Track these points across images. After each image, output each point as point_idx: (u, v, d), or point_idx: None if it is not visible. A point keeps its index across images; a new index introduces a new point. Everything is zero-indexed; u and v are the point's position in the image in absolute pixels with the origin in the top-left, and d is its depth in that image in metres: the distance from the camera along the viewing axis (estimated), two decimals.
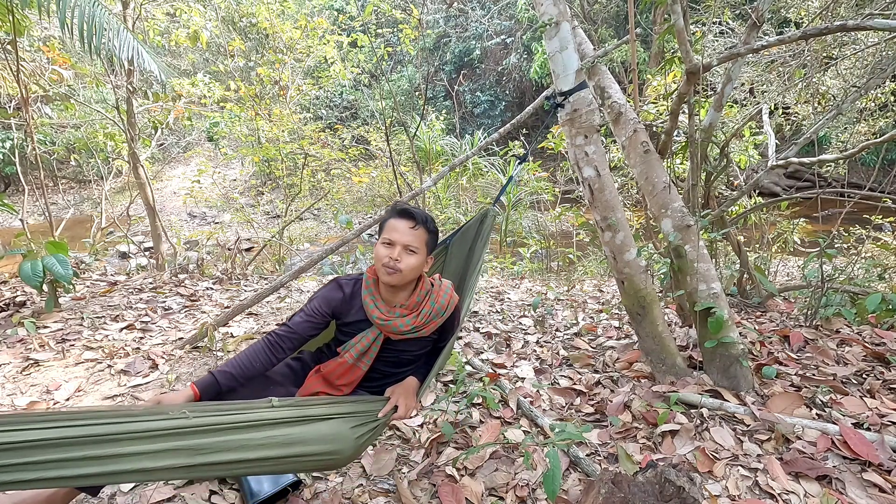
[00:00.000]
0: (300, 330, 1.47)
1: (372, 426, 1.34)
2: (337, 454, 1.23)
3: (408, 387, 1.50)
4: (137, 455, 0.99)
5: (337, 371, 1.53)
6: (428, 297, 1.52)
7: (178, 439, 1.04)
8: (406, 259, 1.42)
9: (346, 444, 1.25)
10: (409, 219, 1.44)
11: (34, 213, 10.90)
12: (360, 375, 1.54)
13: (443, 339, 1.63)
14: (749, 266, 3.23)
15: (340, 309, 1.52)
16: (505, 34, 13.94)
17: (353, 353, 1.50)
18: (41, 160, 4.81)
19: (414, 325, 1.49)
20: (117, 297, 3.70)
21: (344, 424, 1.27)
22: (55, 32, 6.95)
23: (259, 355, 1.41)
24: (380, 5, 6.60)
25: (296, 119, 7.81)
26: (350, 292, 1.53)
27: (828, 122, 3.35)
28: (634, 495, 1.21)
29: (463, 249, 2.03)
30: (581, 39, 2.36)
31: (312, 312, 1.48)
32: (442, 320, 1.55)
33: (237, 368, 1.37)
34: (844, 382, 2.16)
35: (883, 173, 9.32)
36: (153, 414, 1.06)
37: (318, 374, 1.57)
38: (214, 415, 1.11)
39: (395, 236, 1.42)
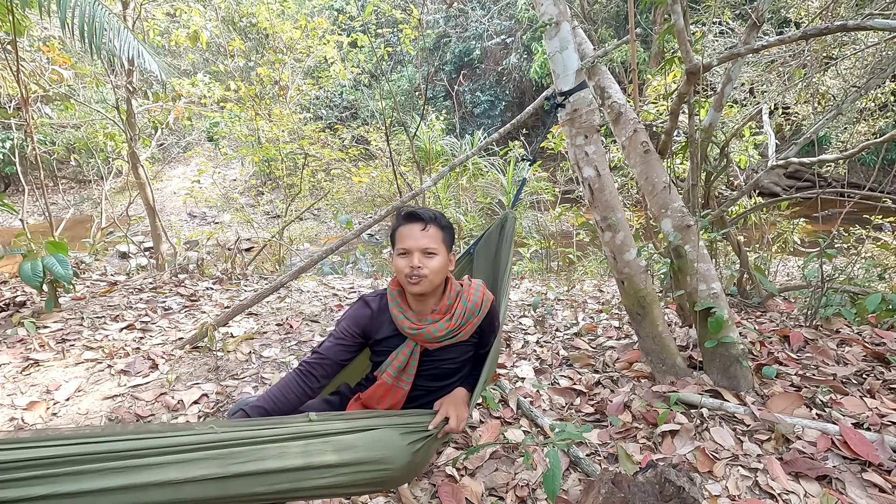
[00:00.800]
0: (331, 354, 1.37)
1: (424, 436, 1.24)
2: (390, 465, 1.12)
3: (457, 397, 1.41)
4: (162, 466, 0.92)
5: (377, 395, 1.42)
6: (459, 298, 1.43)
7: (207, 450, 0.96)
8: (428, 263, 1.33)
9: (400, 453, 1.15)
10: (418, 221, 1.36)
11: (34, 213, 10.90)
12: (403, 396, 1.43)
13: (484, 342, 1.53)
14: (749, 266, 3.23)
15: (370, 326, 1.43)
16: (505, 34, 13.94)
17: (391, 371, 1.40)
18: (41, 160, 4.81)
19: (449, 328, 1.38)
20: (117, 297, 3.70)
21: (393, 432, 1.17)
22: (55, 32, 6.95)
23: (291, 386, 1.31)
24: (380, 5, 6.60)
25: (296, 119, 7.81)
26: (377, 308, 1.44)
27: (828, 122, 3.35)
28: (634, 495, 1.21)
29: (488, 256, 1.98)
30: (581, 39, 2.36)
31: (342, 335, 1.40)
32: (478, 320, 1.45)
33: (270, 403, 1.27)
34: (844, 382, 2.16)
35: (883, 173, 9.32)
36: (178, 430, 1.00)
37: (358, 402, 1.47)
38: (244, 430, 1.03)
39: (410, 244, 1.34)
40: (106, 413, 2.21)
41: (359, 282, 4.81)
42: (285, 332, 3.18)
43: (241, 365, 2.70)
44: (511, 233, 1.91)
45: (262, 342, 3.00)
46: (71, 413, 2.22)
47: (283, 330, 3.21)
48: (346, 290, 4.30)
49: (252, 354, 2.83)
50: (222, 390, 2.41)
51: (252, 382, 2.52)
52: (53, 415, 2.22)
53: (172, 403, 2.29)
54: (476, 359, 1.56)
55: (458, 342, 1.44)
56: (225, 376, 2.57)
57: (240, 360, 2.76)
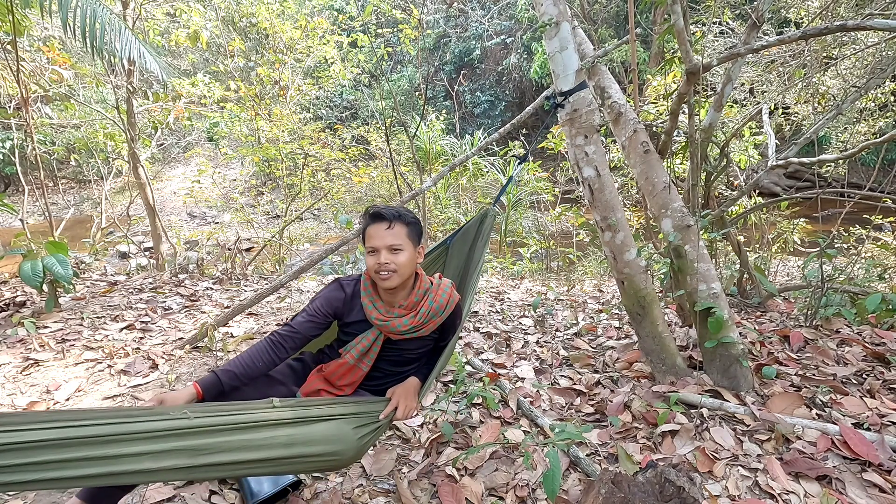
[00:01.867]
0: (302, 330, 1.47)
1: (374, 427, 1.35)
2: (339, 455, 1.24)
3: (408, 387, 1.51)
4: (139, 455, 0.99)
5: (338, 371, 1.54)
6: (426, 297, 1.53)
7: (180, 440, 1.05)
8: (395, 259, 1.42)
9: (349, 444, 1.26)
10: (382, 220, 1.45)
11: (34, 213, 10.90)
12: (362, 376, 1.55)
13: (444, 338, 1.64)
14: (749, 266, 3.23)
15: (342, 309, 1.53)
16: (505, 34, 13.94)
17: (354, 353, 1.51)
18: (41, 160, 4.81)
19: (412, 324, 1.49)
20: (117, 297, 3.70)
21: (346, 425, 1.28)
22: (55, 32, 6.95)
23: (262, 355, 1.41)
24: (380, 5, 6.60)
25: (296, 119, 7.80)
26: (351, 292, 1.54)
27: (828, 122, 3.35)
28: (634, 495, 1.21)
29: (463, 249, 2.03)
30: (581, 39, 2.36)
31: (314, 312, 1.49)
32: (441, 319, 1.55)
33: (240, 367, 1.37)
34: (844, 382, 2.16)
35: (883, 173, 9.32)
36: (154, 414, 1.06)
37: (320, 374, 1.58)
38: (215, 415, 1.12)
39: (376, 242, 1.44)
40: None
41: None
42: None
43: None
44: (489, 229, 1.98)
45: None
46: None
47: None
48: None
49: None
50: None
51: None
52: None
53: None
54: (434, 350, 1.66)
55: (420, 336, 1.55)
56: None
57: None
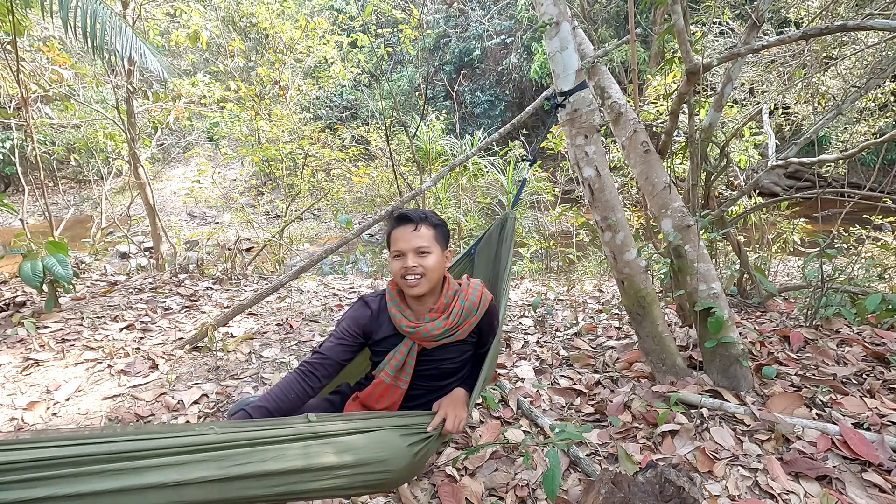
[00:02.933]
0: (332, 354, 1.38)
1: (423, 437, 1.24)
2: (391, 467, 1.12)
3: (456, 398, 1.41)
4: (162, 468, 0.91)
5: (375, 393, 1.43)
6: (457, 297, 1.43)
7: (207, 452, 0.97)
8: (422, 262, 1.35)
9: (400, 454, 1.15)
10: (408, 223, 1.38)
11: (34, 213, 10.90)
12: (401, 395, 1.44)
13: (483, 342, 1.54)
14: (749, 266, 3.23)
15: (370, 326, 1.44)
16: (505, 34, 13.94)
17: (389, 370, 1.41)
18: (41, 160, 4.81)
19: (446, 326, 1.39)
20: (117, 297, 3.70)
21: (393, 434, 1.17)
22: (55, 32, 6.95)
23: (293, 386, 1.32)
24: (380, 5, 6.60)
25: (296, 119, 7.80)
26: (377, 308, 1.45)
27: (828, 122, 3.35)
28: (634, 495, 1.21)
29: (489, 256, 1.99)
30: (581, 39, 2.36)
31: (342, 335, 1.41)
32: (476, 319, 1.45)
33: (272, 402, 1.27)
34: (844, 382, 2.16)
35: (883, 173, 9.32)
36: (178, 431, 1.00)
37: (357, 402, 1.48)
38: (244, 430, 1.03)
39: (402, 245, 1.37)
40: (106, 413, 2.21)
41: (359, 282, 4.81)
42: (285, 332, 3.18)
43: (241, 365, 2.70)
44: (511, 233, 1.92)
45: (262, 342, 3.00)
46: (71, 413, 2.22)
47: (283, 330, 3.21)
48: (346, 290, 4.30)
49: (252, 354, 2.83)
50: (222, 390, 2.41)
51: (252, 382, 2.52)
52: (53, 415, 2.22)
53: (172, 403, 2.29)
54: (475, 359, 1.56)
55: (456, 341, 1.44)
56: (225, 376, 2.57)
57: (240, 360, 2.76)
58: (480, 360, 1.53)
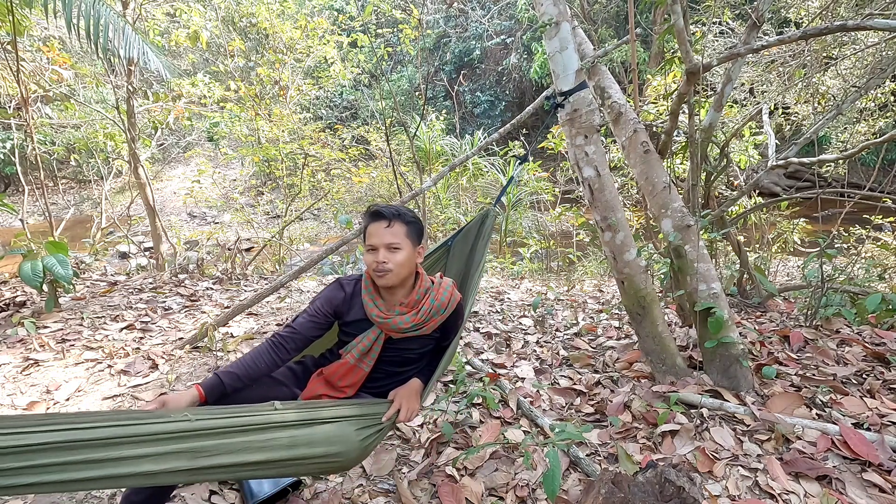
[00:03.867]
0: (303, 330, 1.47)
1: (377, 429, 1.35)
2: (342, 457, 1.24)
3: (411, 389, 1.50)
4: (139, 458, 0.99)
5: (339, 372, 1.52)
6: (427, 295, 1.52)
7: (180, 442, 1.04)
8: (392, 258, 1.42)
9: (352, 446, 1.26)
10: (381, 219, 1.45)
11: (34, 213, 10.90)
12: (363, 376, 1.53)
13: (445, 337, 1.62)
14: (749, 266, 3.23)
15: (342, 308, 1.52)
16: (505, 34, 13.94)
17: (355, 353, 1.50)
18: (41, 160, 4.81)
19: (414, 322, 1.48)
20: (117, 297, 3.70)
21: (349, 427, 1.28)
22: (55, 32, 6.95)
23: (263, 356, 1.41)
24: (380, 5, 6.60)
25: (296, 119, 7.80)
26: (351, 291, 1.53)
27: (828, 122, 3.35)
28: (634, 495, 1.21)
29: (464, 250, 2.02)
30: (581, 39, 2.36)
31: (315, 312, 1.49)
32: (443, 318, 1.54)
33: (242, 369, 1.37)
34: (844, 382, 2.16)
35: (883, 173, 9.32)
36: (155, 417, 1.06)
37: (321, 377, 1.56)
38: (216, 418, 1.12)
39: (374, 240, 1.44)
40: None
41: None
42: None
43: None
44: (489, 229, 1.97)
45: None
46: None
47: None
48: None
49: None
50: None
51: None
52: None
53: None
54: (436, 351, 1.65)
55: (421, 335, 1.53)
56: None
57: None
58: (440, 352, 1.63)
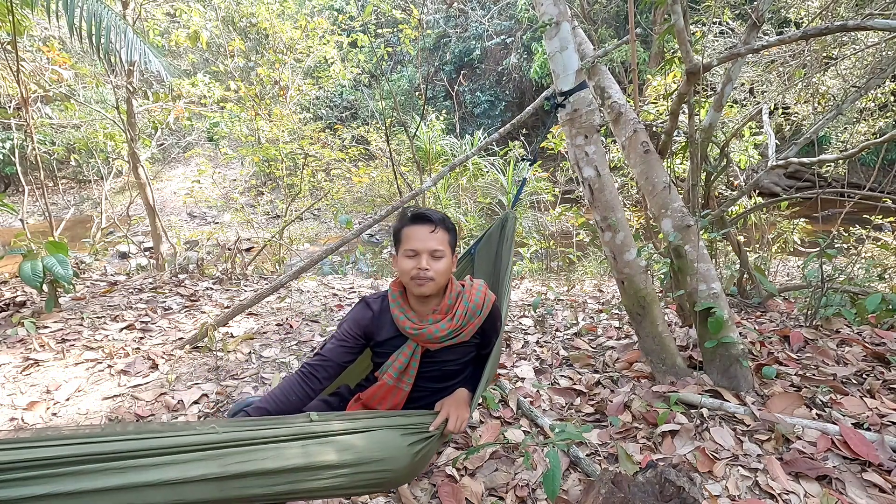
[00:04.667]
0: (333, 356, 1.37)
1: (425, 438, 1.23)
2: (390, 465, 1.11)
3: (458, 398, 1.40)
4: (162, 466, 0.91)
5: (378, 395, 1.41)
6: (460, 298, 1.42)
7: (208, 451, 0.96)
8: (434, 265, 1.34)
9: (400, 454, 1.14)
10: (427, 223, 1.36)
11: (34, 213, 10.90)
12: (404, 397, 1.42)
13: (485, 343, 1.53)
14: (749, 266, 3.23)
15: (371, 328, 1.43)
16: (505, 34, 13.94)
17: (392, 372, 1.39)
18: (41, 160, 4.81)
19: (450, 328, 1.38)
20: (117, 297, 3.70)
21: (394, 433, 1.17)
22: (55, 32, 6.95)
23: (294, 388, 1.31)
24: (380, 5, 6.60)
25: (296, 119, 7.80)
26: (379, 309, 1.44)
27: (828, 122, 3.35)
28: (634, 495, 1.21)
29: (489, 256, 1.98)
30: (581, 39, 2.36)
31: (343, 336, 1.40)
32: (480, 320, 1.44)
33: (272, 404, 1.27)
34: (844, 382, 2.16)
35: (883, 173, 9.32)
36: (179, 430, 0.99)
37: (359, 403, 1.46)
38: (245, 430, 1.03)
39: (417, 245, 1.34)
40: (106, 413, 2.21)
41: (359, 282, 4.81)
42: (285, 332, 3.18)
43: (241, 365, 2.70)
44: (511, 233, 1.92)
45: (262, 342, 3.00)
46: (71, 413, 2.22)
47: (283, 330, 3.21)
48: (346, 290, 4.30)
49: (252, 354, 2.83)
50: (222, 390, 2.41)
51: (252, 382, 2.52)
52: (53, 415, 2.22)
53: (172, 403, 2.29)
54: (478, 360, 1.56)
55: (459, 343, 1.43)
56: (225, 376, 2.57)
57: (240, 360, 2.76)
58: (482, 361, 1.52)
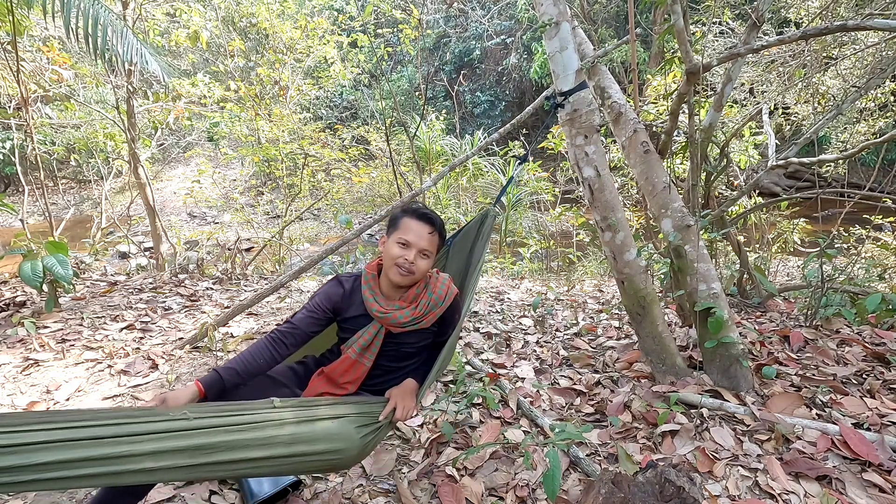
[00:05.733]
0: (302, 325, 1.48)
1: (375, 427, 1.35)
2: (341, 454, 1.24)
3: (406, 388, 1.51)
4: (139, 456, 0.99)
5: (340, 368, 1.53)
6: (426, 290, 1.54)
7: (180, 439, 1.05)
8: (420, 263, 1.45)
9: (352, 443, 1.25)
10: (429, 224, 1.47)
11: (34, 213, 10.90)
12: (364, 372, 1.54)
13: (443, 332, 1.64)
14: (749, 266, 3.23)
15: (341, 304, 1.54)
16: (505, 34, 13.94)
17: (356, 348, 1.51)
18: (41, 160, 4.81)
19: (413, 316, 1.50)
20: (117, 297, 3.70)
21: (349, 424, 1.28)
22: (55, 32, 6.95)
23: (262, 352, 1.42)
24: (380, 5, 6.60)
25: (296, 119, 7.80)
26: (350, 288, 1.55)
27: (828, 122, 3.35)
28: (634, 495, 1.21)
29: (464, 250, 2.03)
30: (581, 39, 2.36)
31: (314, 308, 1.51)
32: (441, 310, 1.56)
33: (241, 365, 1.37)
34: (844, 382, 2.16)
35: (883, 173, 9.32)
36: (154, 416, 1.06)
37: (322, 375, 1.57)
38: (215, 416, 1.13)
39: (412, 238, 1.45)
40: None
41: None
42: None
43: None
44: (489, 230, 1.98)
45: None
46: None
47: None
48: None
49: None
50: None
51: None
52: None
53: None
54: (433, 346, 1.66)
55: (419, 329, 1.55)
56: None
57: None
58: (438, 348, 1.64)
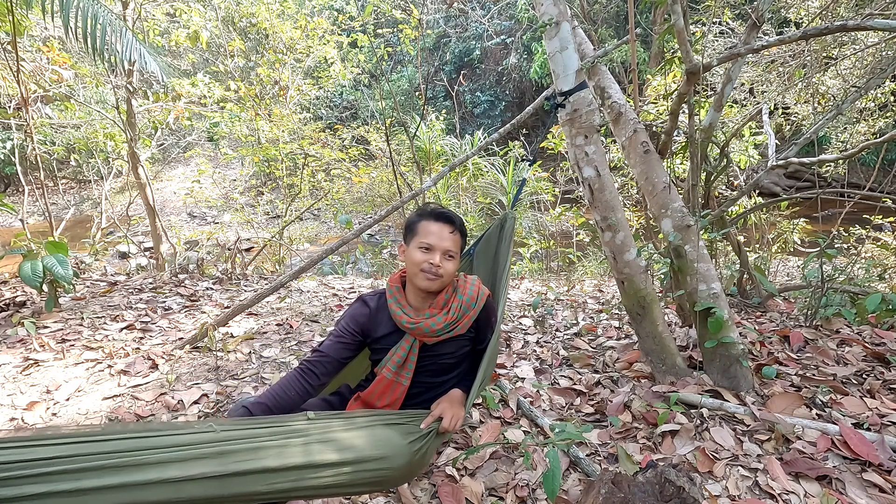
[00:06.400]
0: (331, 352, 1.40)
1: (424, 437, 1.24)
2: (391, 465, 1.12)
3: (453, 397, 1.43)
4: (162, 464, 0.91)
5: (377, 390, 1.43)
6: (455, 293, 1.47)
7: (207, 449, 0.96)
8: (446, 265, 1.38)
9: (400, 452, 1.15)
10: (449, 223, 1.41)
11: (34, 213, 10.91)
12: (403, 392, 1.45)
13: (481, 338, 1.56)
14: (749, 266, 3.23)
15: (368, 325, 1.46)
16: (505, 34, 13.94)
17: (391, 366, 1.42)
18: (41, 160, 4.81)
19: (446, 321, 1.41)
20: (117, 297, 3.70)
21: (395, 432, 1.18)
22: (55, 32, 6.95)
23: (293, 384, 1.33)
24: (380, 5, 6.60)
25: (296, 119, 7.80)
26: (376, 306, 1.47)
27: (828, 122, 3.35)
28: (634, 495, 1.21)
29: (488, 256, 2.00)
30: (581, 39, 2.36)
31: (341, 332, 1.43)
32: (475, 313, 1.47)
33: (272, 399, 1.28)
34: (844, 382, 2.16)
35: (883, 173, 9.32)
36: (178, 428, 1.00)
37: (359, 401, 1.48)
38: (244, 428, 1.04)
39: (434, 241, 1.38)
40: (106, 413, 2.21)
41: (359, 282, 4.81)
42: (285, 332, 3.18)
43: (241, 365, 2.70)
44: (510, 233, 1.93)
45: (262, 342, 3.00)
46: (71, 413, 2.22)
47: (283, 330, 3.21)
48: (346, 290, 4.30)
49: (252, 354, 2.83)
50: (222, 390, 2.41)
51: (252, 382, 2.52)
52: (53, 415, 2.22)
53: (172, 403, 2.29)
54: (473, 356, 1.58)
55: (455, 336, 1.46)
56: (225, 376, 2.57)
57: (240, 360, 2.76)
58: (478, 357, 1.54)
